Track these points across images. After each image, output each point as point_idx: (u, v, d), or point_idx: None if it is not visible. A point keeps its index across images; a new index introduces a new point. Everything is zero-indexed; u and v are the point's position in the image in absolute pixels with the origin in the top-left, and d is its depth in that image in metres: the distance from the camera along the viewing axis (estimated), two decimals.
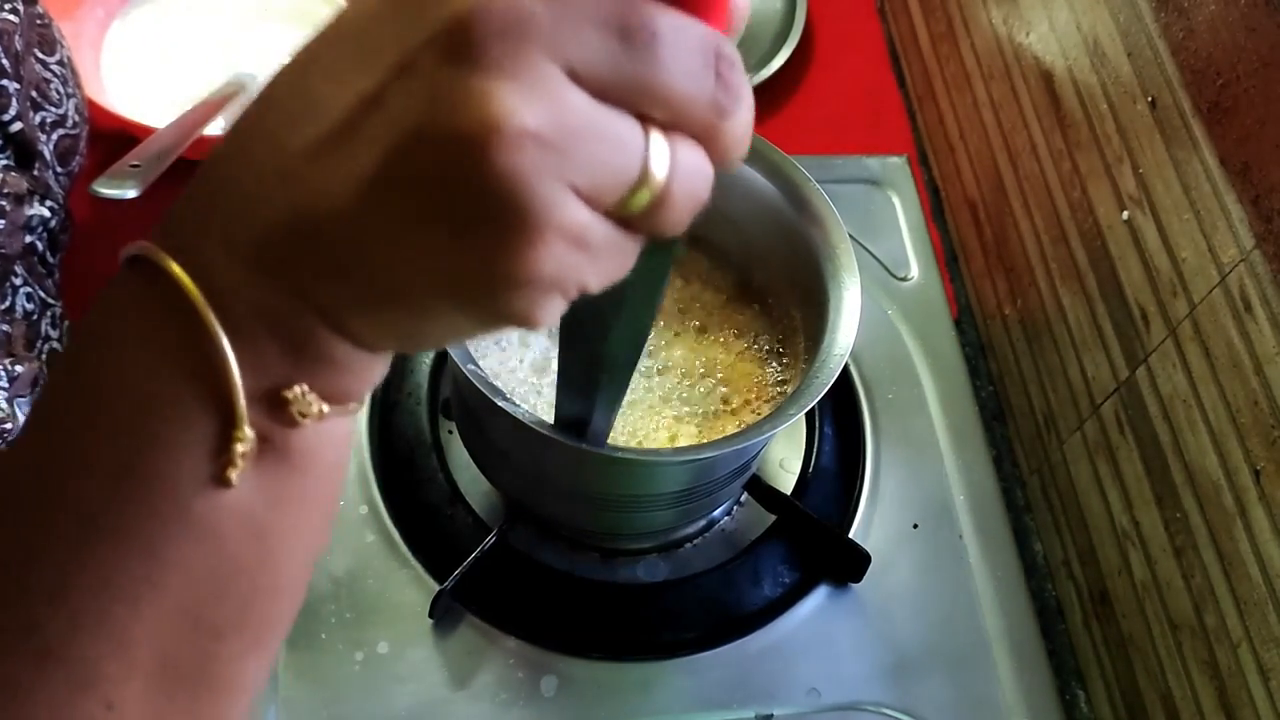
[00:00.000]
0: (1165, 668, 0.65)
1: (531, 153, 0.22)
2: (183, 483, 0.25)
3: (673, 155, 0.24)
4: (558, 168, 0.23)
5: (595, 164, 0.23)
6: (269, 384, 0.26)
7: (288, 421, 0.26)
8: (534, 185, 0.22)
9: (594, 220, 0.24)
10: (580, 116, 0.23)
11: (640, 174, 0.24)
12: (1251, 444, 0.57)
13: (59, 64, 0.62)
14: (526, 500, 0.67)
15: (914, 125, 0.96)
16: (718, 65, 0.24)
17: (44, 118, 0.60)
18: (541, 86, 0.22)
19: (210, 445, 0.26)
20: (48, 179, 0.59)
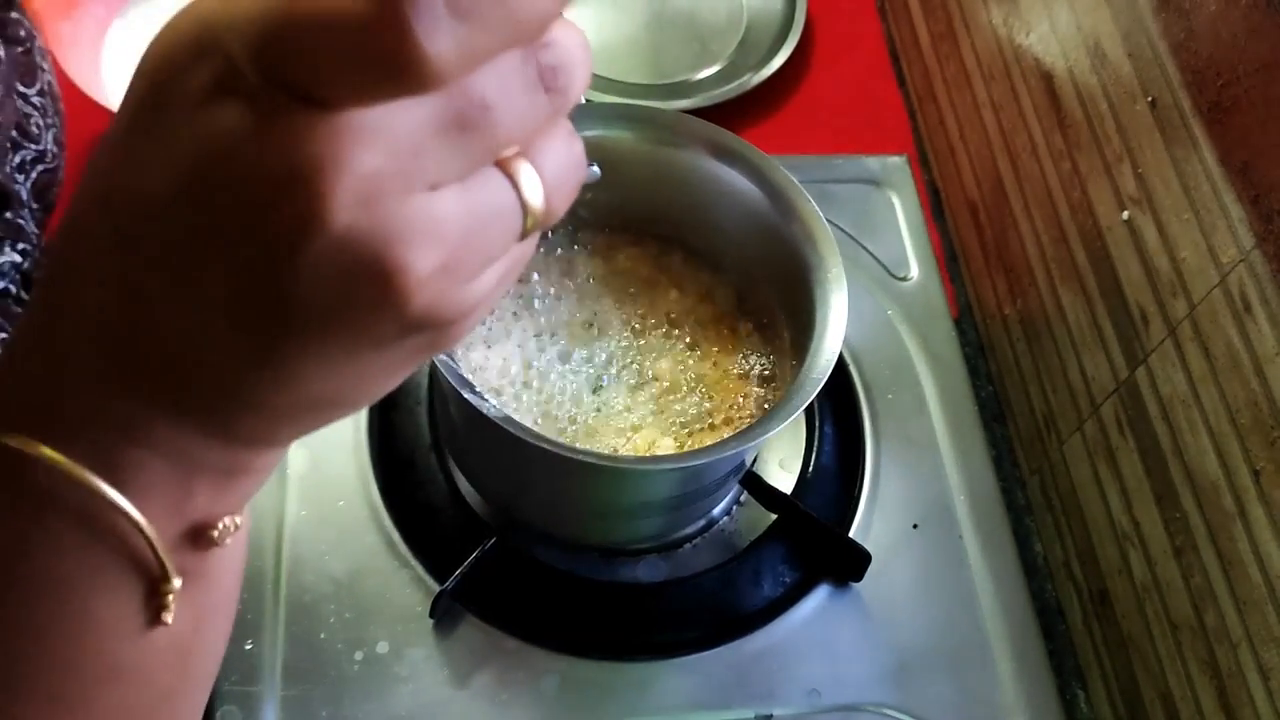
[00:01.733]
0: (1165, 668, 0.65)
1: (437, 285, 0.22)
2: (113, 640, 0.26)
3: (541, 176, 0.24)
4: (460, 278, 0.23)
5: (488, 248, 0.24)
6: (186, 525, 0.26)
7: (207, 547, 0.26)
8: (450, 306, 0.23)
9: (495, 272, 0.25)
10: (462, 224, 0.23)
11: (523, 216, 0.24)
12: (1251, 444, 0.57)
13: (39, 94, 0.62)
14: (517, 510, 0.68)
15: (914, 125, 0.96)
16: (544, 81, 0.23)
17: (23, 158, 0.59)
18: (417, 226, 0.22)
19: (139, 602, 0.26)
20: (20, 221, 0.59)
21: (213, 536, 0.26)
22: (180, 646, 0.27)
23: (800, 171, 0.63)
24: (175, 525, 0.26)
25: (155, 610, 0.26)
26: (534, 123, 0.23)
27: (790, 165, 0.62)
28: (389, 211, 0.21)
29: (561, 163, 0.25)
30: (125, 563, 0.25)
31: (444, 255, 0.22)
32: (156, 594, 0.26)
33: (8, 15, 0.60)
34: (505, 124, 0.23)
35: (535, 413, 0.63)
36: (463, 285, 0.23)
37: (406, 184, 0.22)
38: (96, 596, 0.25)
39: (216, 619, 0.29)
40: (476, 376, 0.63)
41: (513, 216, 0.24)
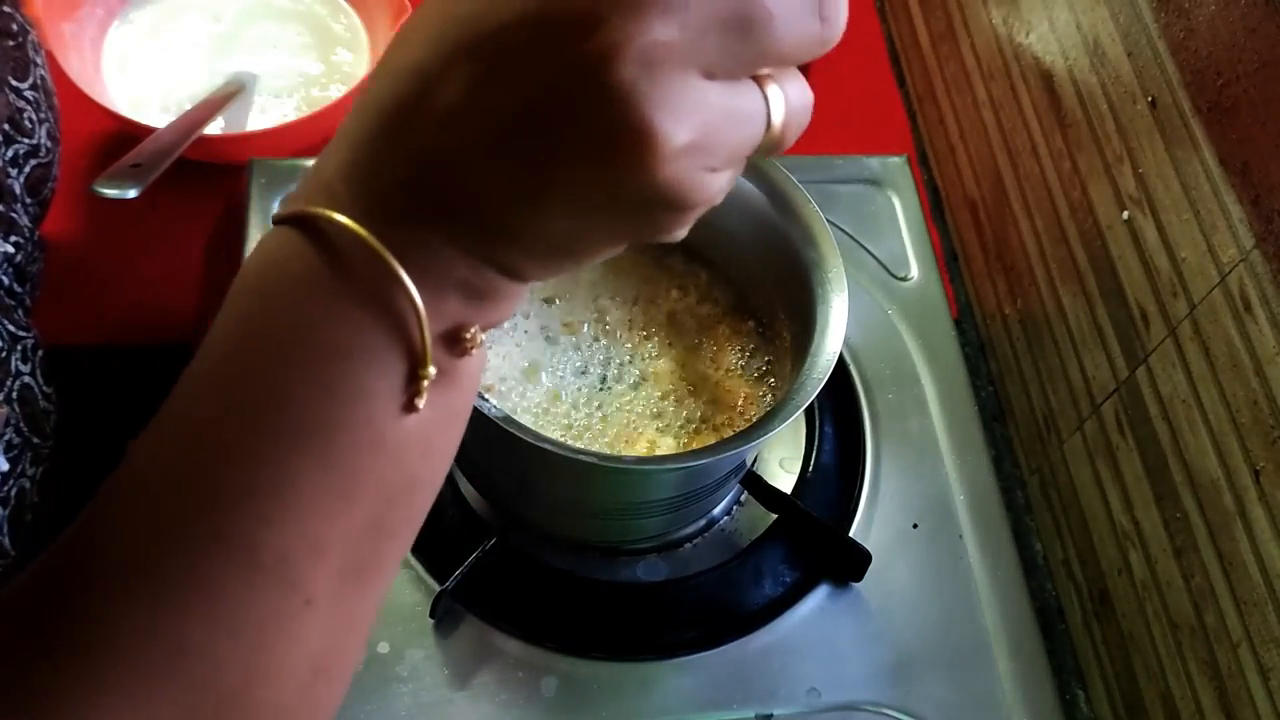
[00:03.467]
0: (1165, 668, 0.65)
1: (686, 162, 0.26)
2: (376, 411, 0.29)
3: (785, 99, 0.28)
4: (706, 162, 0.27)
5: (732, 145, 0.27)
6: (447, 326, 0.30)
7: (460, 354, 0.30)
8: (692, 189, 0.26)
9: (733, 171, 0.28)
10: (719, 114, 0.26)
11: (764, 130, 0.28)
12: (1251, 444, 0.57)
13: (32, 88, 0.62)
14: (517, 510, 0.68)
15: (914, 125, 0.96)
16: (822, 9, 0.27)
17: (16, 151, 0.59)
18: (685, 102, 0.25)
19: (400, 379, 0.29)
20: (13, 215, 0.59)
21: (465, 341, 0.30)
22: (425, 439, 0.30)
23: (800, 171, 0.63)
24: (441, 321, 0.29)
25: (412, 395, 0.29)
26: (804, 43, 0.27)
27: (790, 165, 0.62)
28: (665, 79, 0.25)
29: (801, 98, 0.29)
30: (398, 342, 0.29)
31: (698, 136, 0.26)
32: (415, 379, 0.29)
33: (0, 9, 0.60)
34: (781, 36, 0.26)
35: (535, 412, 0.63)
36: (703, 172, 0.27)
37: (685, 60, 0.25)
38: (371, 369, 0.28)
39: (452, 427, 0.32)
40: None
41: (758, 125, 0.28)
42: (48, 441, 0.57)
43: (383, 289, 0.28)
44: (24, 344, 0.56)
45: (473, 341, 0.30)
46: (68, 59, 0.79)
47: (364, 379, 0.29)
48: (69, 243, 0.80)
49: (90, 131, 0.84)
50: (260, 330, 0.29)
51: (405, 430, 0.30)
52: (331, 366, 0.28)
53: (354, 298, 0.28)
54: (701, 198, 0.27)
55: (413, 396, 0.29)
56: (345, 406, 0.28)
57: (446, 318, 0.29)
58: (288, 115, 0.85)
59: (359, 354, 0.28)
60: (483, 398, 0.53)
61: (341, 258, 0.28)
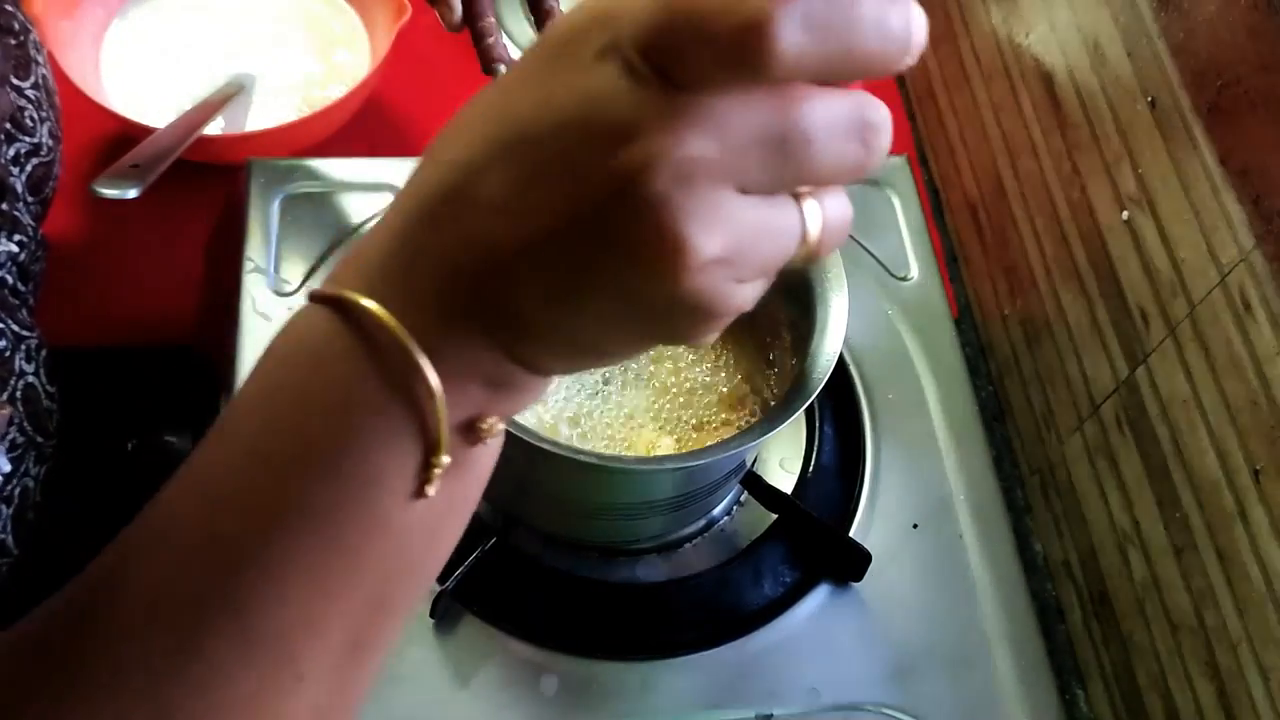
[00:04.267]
0: (1165, 668, 0.65)
1: (715, 274, 0.26)
2: (386, 496, 0.29)
3: (823, 214, 0.28)
4: (737, 275, 0.27)
5: (765, 259, 0.27)
6: (465, 416, 0.30)
7: (474, 442, 0.30)
8: (719, 299, 0.27)
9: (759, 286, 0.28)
10: (752, 229, 0.26)
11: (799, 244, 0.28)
12: (1251, 444, 0.57)
13: (34, 87, 0.62)
14: (517, 510, 0.68)
15: (914, 125, 0.96)
16: (864, 136, 0.27)
17: (18, 150, 0.60)
18: (717, 216, 0.25)
19: (414, 466, 0.29)
20: (16, 213, 0.59)
21: (482, 431, 0.30)
22: (431, 525, 0.31)
23: None
24: (457, 411, 0.29)
25: (422, 481, 0.29)
26: (841, 168, 0.27)
27: None
28: (699, 193, 0.25)
29: (840, 213, 0.29)
30: (415, 430, 0.29)
31: (728, 249, 0.26)
32: (428, 466, 0.29)
33: (1, 7, 0.60)
34: (819, 159, 0.26)
35: (535, 413, 0.63)
36: (732, 283, 0.27)
37: (721, 176, 0.25)
38: (385, 454, 0.29)
39: (460, 513, 0.32)
40: None
41: (792, 239, 0.28)
42: (51, 441, 0.57)
43: (404, 376, 0.28)
44: (28, 343, 0.56)
45: (489, 431, 0.30)
46: (67, 58, 0.79)
47: (378, 463, 0.29)
48: (69, 243, 0.80)
49: (90, 131, 0.84)
50: (281, 407, 0.30)
51: (413, 516, 0.30)
52: (347, 449, 0.29)
53: (376, 383, 0.29)
54: (728, 307, 0.27)
55: (424, 483, 0.29)
56: (356, 490, 0.29)
57: (466, 407, 0.30)
58: (288, 115, 0.85)
59: (375, 438, 0.29)
60: None
61: (368, 342, 0.29)
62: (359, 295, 0.29)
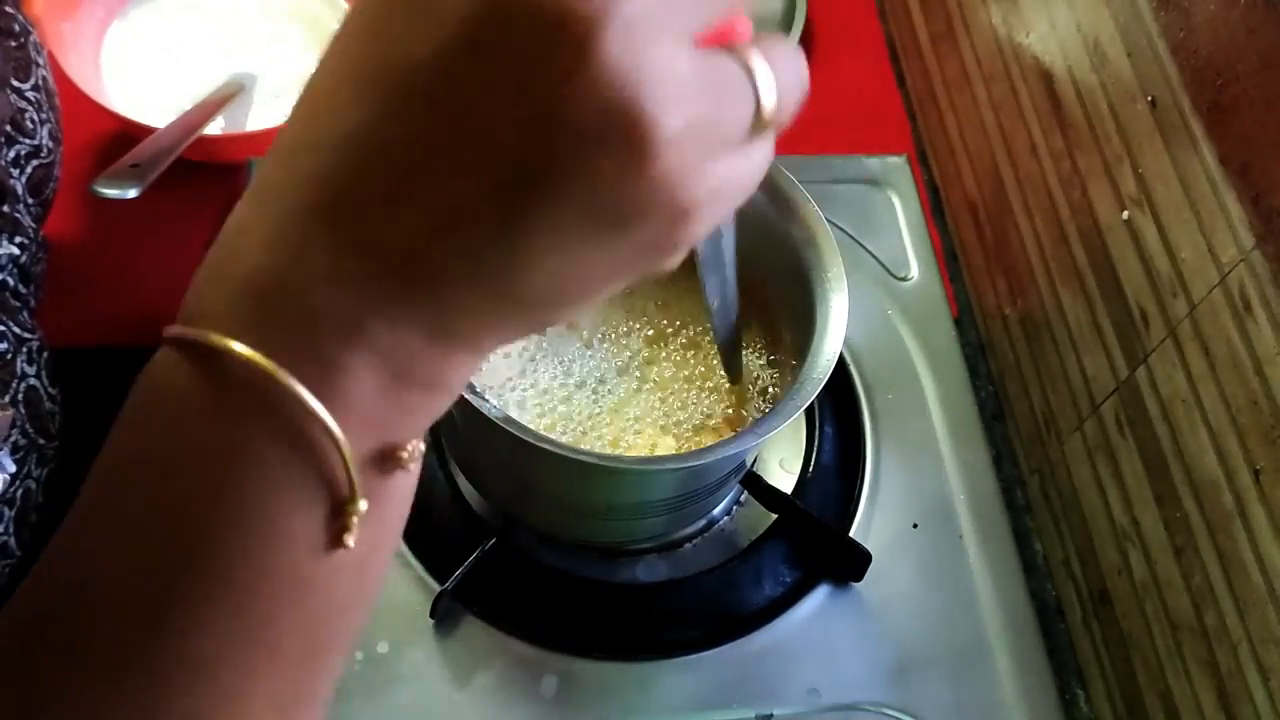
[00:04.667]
0: (1165, 667, 0.65)
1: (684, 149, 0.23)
2: (298, 558, 0.25)
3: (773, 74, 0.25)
4: (704, 149, 0.24)
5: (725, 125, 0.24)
6: (378, 445, 0.26)
7: (392, 470, 0.26)
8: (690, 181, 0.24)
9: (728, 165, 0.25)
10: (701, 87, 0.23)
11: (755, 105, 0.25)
12: (1251, 444, 0.57)
13: (34, 88, 0.62)
14: (516, 510, 0.68)
15: (914, 125, 0.96)
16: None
17: (18, 152, 0.59)
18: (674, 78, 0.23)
19: (324, 519, 0.25)
20: (17, 215, 0.59)
21: (401, 459, 0.26)
22: (358, 565, 0.27)
23: (800, 171, 0.63)
24: (368, 443, 0.25)
25: (338, 532, 0.26)
26: None
27: (790, 165, 0.62)
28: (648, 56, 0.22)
29: (790, 68, 0.26)
30: (316, 481, 0.25)
31: (689, 115, 0.23)
32: (341, 514, 0.25)
33: (1, 9, 0.60)
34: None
35: (535, 413, 0.63)
36: (701, 160, 0.24)
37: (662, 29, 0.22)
38: (284, 513, 0.25)
39: (387, 542, 0.29)
40: (476, 376, 0.63)
41: (745, 96, 0.25)
42: (53, 443, 0.57)
43: (292, 422, 0.24)
44: (29, 345, 0.56)
45: (410, 457, 0.26)
46: (67, 59, 0.79)
47: (278, 526, 0.25)
48: (69, 243, 0.80)
49: (90, 131, 0.84)
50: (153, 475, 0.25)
51: (333, 566, 0.26)
52: (236, 515, 0.25)
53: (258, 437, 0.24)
54: (699, 194, 0.24)
55: (340, 533, 0.26)
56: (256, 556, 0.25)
57: (378, 435, 0.25)
58: (288, 115, 0.84)
59: (272, 499, 0.25)
60: (483, 398, 0.53)
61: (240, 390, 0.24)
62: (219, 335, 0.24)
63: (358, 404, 0.25)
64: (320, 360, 0.24)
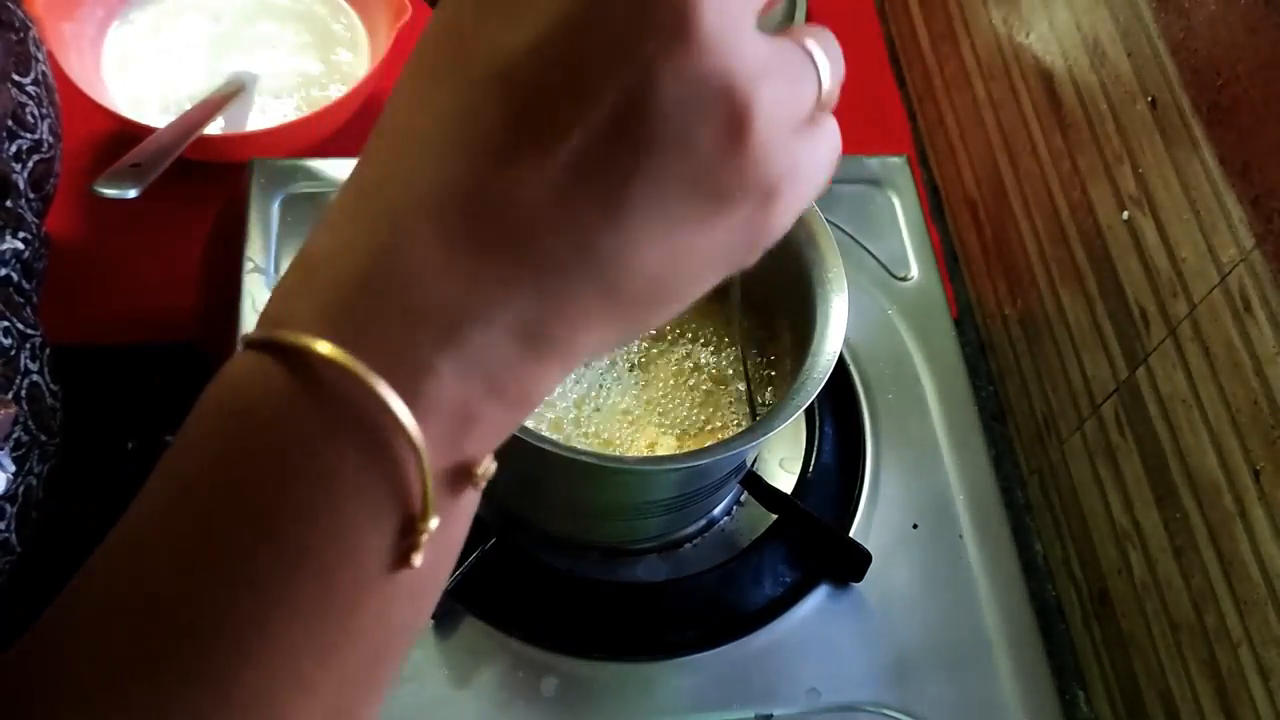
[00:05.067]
0: (1165, 668, 0.65)
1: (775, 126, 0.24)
2: (364, 569, 0.24)
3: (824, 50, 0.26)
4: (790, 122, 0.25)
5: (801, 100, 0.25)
6: (456, 461, 0.25)
7: (463, 489, 0.25)
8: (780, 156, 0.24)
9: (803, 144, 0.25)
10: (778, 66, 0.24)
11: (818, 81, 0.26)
12: (1251, 444, 0.57)
13: (34, 83, 0.62)
14: (516, 509, 0.68)
15: (914, 125, 0.96)
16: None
17: (19, 146, 0.60)
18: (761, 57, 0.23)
19: (393, 533, 0.24)
20: (20, 210, 0.59)
21: (476, 476, 0.25)
22: (420, 586, 0.26)
23: None
24: (447, 458, 0.24)
25: (407, 550, 0.24)
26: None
27: None
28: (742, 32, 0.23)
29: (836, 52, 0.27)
30: (392, 493, 0.24)
31: (775, 91, 0.24)
32: (412, 531, 0.24)
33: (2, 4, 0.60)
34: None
35: (535, 412, 0.63)
36: (785, 136, 0.24)
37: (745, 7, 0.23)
38: (358, 525, 0.24)
39: (448, 563, 0.28)
40: None
41: (810, 76, 0.26)
42: (54, 439, 0.57)
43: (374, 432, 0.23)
44: (32, 341, 0.56)
45: (484, 475, 0.25)
46: (68, 59, 0.79)
47: (349, 537, 0.24)
48: (69, 242, 0.80)
49: (90, 131, 0.84)
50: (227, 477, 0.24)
51: (396, 584, 0.25)
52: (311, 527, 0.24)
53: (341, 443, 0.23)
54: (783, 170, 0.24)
55: (408, 551, 0.24)
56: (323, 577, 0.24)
57: (458, 453, 0.25)
58: (288, 115, 0.85)
59: (343, 507, 0.24)
60: None
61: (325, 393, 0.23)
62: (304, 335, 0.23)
63: (442, 414, 0.24)
64: (411, 363, 0.23)
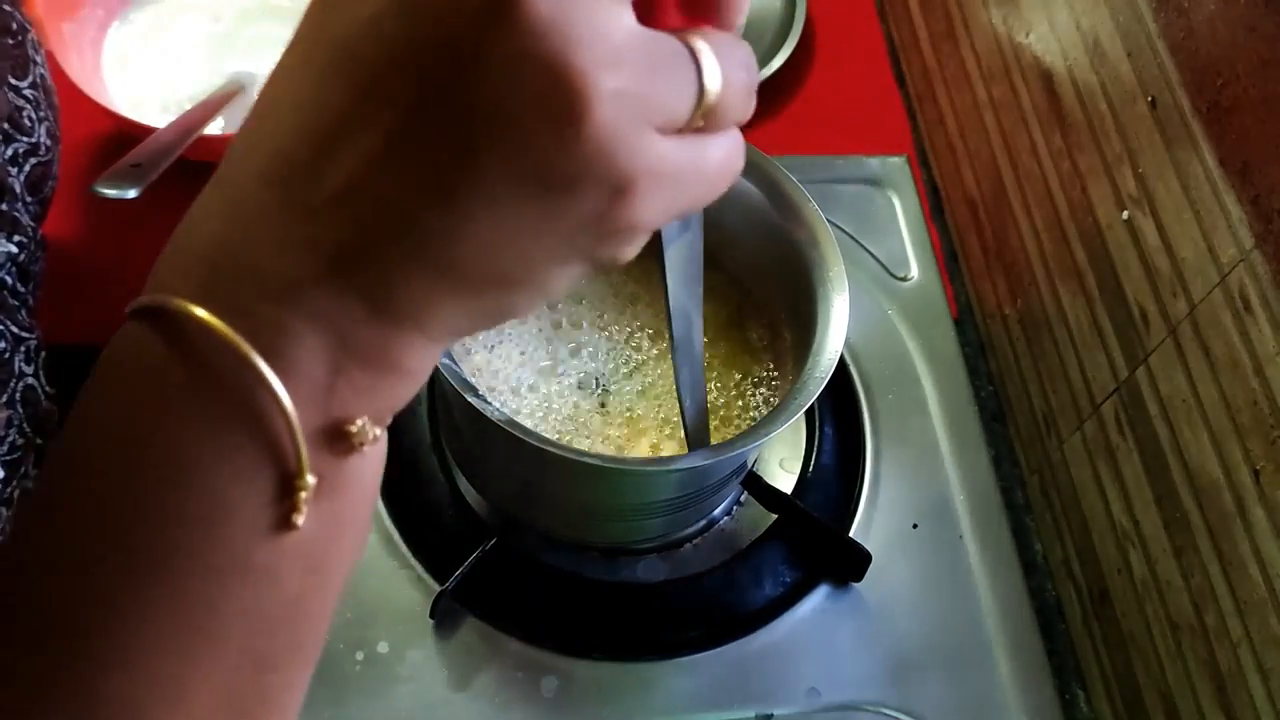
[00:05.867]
0: (1165, 668, 0.65)
1: (618, 110, 0.22)
2: (243, 534, 0.25)
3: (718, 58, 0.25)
4: (643, 115, 0.23)
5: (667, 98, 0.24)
6: (327, 420, 0.25)
7: (345, 453, 0.26)
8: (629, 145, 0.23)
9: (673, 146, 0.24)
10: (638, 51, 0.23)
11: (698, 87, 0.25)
12: (1251, 444, 0.57)
13: (32, 86, 0.62)
14: (516, 510, 0.68)
15: (914, 125, 0.96)
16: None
17: (16, 149, 0.59)
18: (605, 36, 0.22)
19: (269, 493, 0.25)
20: (15, 213, 0.59)
21: (350, 436, 0.25)
22: (309, 557, 0.26)
23: (800, 171, 0.63)
24: (317, 417, 0.25)
25: (287, 510, 0.25)
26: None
27: (790, 165, 0.62)
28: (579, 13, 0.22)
29: (736, 55, 0.26)
30: (262, 449, 0.24)
31: (623, 79, 0.22)
32: (290, 490, 0.25)
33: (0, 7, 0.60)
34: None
35: (537, 414, 0.63)
36: (638, 130, 0.23)
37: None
38: (229, 483, 0.24)
39: (346, 538, 0.28)
40: (478, 378, 0.63)
41: (686, 74, 0.24)
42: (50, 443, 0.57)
43: (240, 386, 0.24)
44: (27, 345, 0.56)
45: (361, 436, 0.25)
46: (67, 59, 0.79)
47: (222, 496, 0.24)
48: (69, 243, 0.80)
49: (90, 131, 0.84)
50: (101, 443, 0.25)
51: (280, 550, 0.25)
52: (181, 484, 0.24)
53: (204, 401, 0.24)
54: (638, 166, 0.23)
55: (288, 513, 0.25)
56: (199, 530, 0.24)
57: (327, 410, 0.25)
58: None
59: (214, 467, 0.24)
60: (486, 400, 0.53)
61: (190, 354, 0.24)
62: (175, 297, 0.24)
63: (305, 373, 0.24)
64: (269, 324, 0.24)
